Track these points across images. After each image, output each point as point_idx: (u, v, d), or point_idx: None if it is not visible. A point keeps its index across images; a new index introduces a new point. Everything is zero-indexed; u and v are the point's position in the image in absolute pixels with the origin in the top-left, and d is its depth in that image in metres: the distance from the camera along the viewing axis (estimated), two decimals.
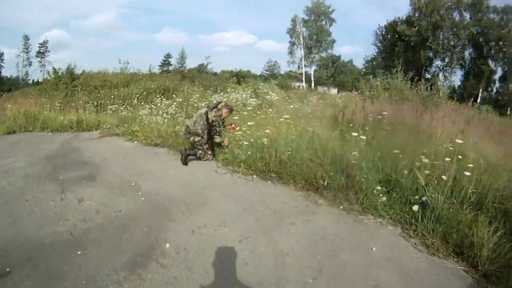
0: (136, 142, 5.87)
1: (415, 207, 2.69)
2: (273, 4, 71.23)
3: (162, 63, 38.57)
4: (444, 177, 2.88)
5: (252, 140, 4.10)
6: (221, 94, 10.26)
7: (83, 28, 59.69)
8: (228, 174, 3.98)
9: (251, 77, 30.92)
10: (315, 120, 5.38)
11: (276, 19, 76.35)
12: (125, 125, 6.86)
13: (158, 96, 8.89)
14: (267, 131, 3.99)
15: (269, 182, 3.73)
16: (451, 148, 3.75)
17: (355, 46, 63.10)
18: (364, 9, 64.67)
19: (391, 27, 30.35)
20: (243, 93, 10.05)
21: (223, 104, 4.66)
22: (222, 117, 4.49)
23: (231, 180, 3.78)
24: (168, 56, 39.58)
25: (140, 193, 3.35)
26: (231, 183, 3.69)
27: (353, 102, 7.65)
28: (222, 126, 4.43)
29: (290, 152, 3.71)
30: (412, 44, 26.81)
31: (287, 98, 12.28)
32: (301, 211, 3.03)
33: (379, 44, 34.01)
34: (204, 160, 4.45)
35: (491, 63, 25.30)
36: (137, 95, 9.20)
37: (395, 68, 7.21)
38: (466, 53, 25.94)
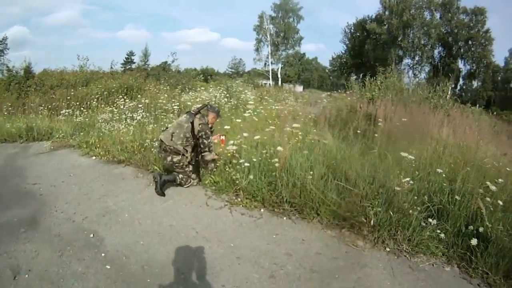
0: (94, 157, 4.67)
1: (474, 241, 2.28)
2: (237, 1, 71.41)
3: (124, 61, 37.13)
4: (500, 202, 2.48)
5: (255, 159, 3.14)
6: (190, 93, 9.54)
7: (45, 25, 55.27)
8: (225, 208, 3.01)
9: (218, 75, 30.17)
10: (315, 127, 4.64)
11: (240, 17, 75.68)
12: (81, 134, 5.63)
13: (120, 96, 7.96)
14: (279, 148, 3.04)
15: (284, 218, 2.85)
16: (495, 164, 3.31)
17: (318, 44, 66.44)
18: (327, 7, 66.47)
19: (360, 25, 31.22)
20: (215, 92, 9.26)
21: (208, 106, 3.58)
22: (210, 125, 3.49)
23: (233, 219, 2.83)
24: (131, 54, 38.01)
25: (103, 254, 2.30)
26: (235, 225, 2.74)
27: (346, 103, 7.09)
28: (211, 138, 3.41)
29: (311, 176, 2.85)
30: (382, 42, 27.72)
31: (262, 97, 11.66)
32: (345, 265, 2.27)
33: (347, 42, 34.95)
34: (187, 187, 3.41)
35: (460, 62, 27.01)
36: (97, 96, 8.27)
37: (389, 66, 6.73)
38: (436, 51, 27.54)
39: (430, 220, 2.50)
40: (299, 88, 31.53)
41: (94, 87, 9.15)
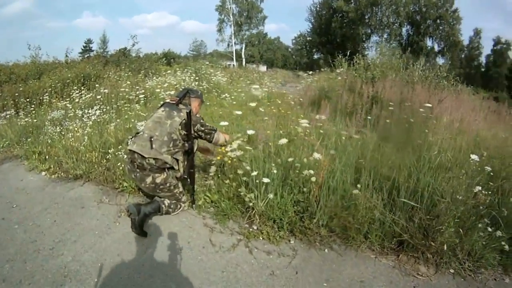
0: (44, 173, 3.57)
1: None
2: None
3: (82, 49, 36.80)
4: None
5: (275, 170, 2.32)
6: (154, 78, 8.81)
7: None
8: (240, 246, 2.17)
9: (180, 58, 29.12)
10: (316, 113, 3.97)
11: None
12: (29, 140, 4.43)
13: (76, 87, 7.04)
14: (316, 155, 2.22)
15: (326, 250, 2.16)
16: None
17: (280, 24, 68.72)
18: None
19: (327, 3, 31.23)
20: (184, 76, 8.63)
21: (189, 92, 2.64)
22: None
23: (258, 265, 2.00)
24: (89, 41, 38.01)
25: None
26: (264, 276, 1.90)
27: (336, 83, 6.53)
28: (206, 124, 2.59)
29: (359, 190, 2.15)
30: (350, 20, 27.99)
31: (232, 78, 11.03)
32: None
33: (313, 20, 35.17)
34: (176, 213, 2.53)
35: (428, 40, 28.30)
36: (50, 89, 7.19)
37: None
38: (404, 29, 28.52)
39: (498, 232, 2.04)
40: (263, 68, 31.72)
41: (47, 79, 8.10)
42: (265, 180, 2.22)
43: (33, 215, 2.69)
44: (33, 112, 5.81)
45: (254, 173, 2.28)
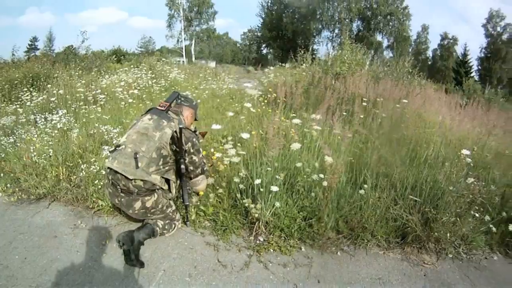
0: (0, 195, 3.05)
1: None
2: None
3: (28, 48, 35.35)
4: None
5: (279, 176, 2.36)
6: (107, 76, 8.44)
7: None
8: (253, 262, 2.15)
9: (129, 55, 28.42)
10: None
11: None
12: None
13: (25, 89, 6.71)
14: (327, 159, 2.28)
15: (338, 253, 2.28)
16: None
17: (228, 19, 70.70)
18: None
19: None
20: (140, 73, 8.41)
21: (181, 98, 2.44)
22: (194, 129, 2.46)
23: (277, 281, 2.01)
24: (35, 39, 36.99)
25: None
26: None
27: (299, 78, 6.80)
28: (201, 150, 2.38)
29: (364, 190, 2.30)
30: (301, 15, 29.44)
31: (187, 75, 10.96)
32: None
33: (263, 15, 36.30)
34: (170, 234, 2.42)
35: (378, 35, 31.02)
36: None
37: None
38: (354, 25, 30.81)
39: (487, 217, 2.41)
40: (212, 64, 32.03)
41: None
42: (274, 188, 2.24)
43: None
44: None
45: (258, 181, 2.29)
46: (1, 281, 1.99)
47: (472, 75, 31.36)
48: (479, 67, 33.32)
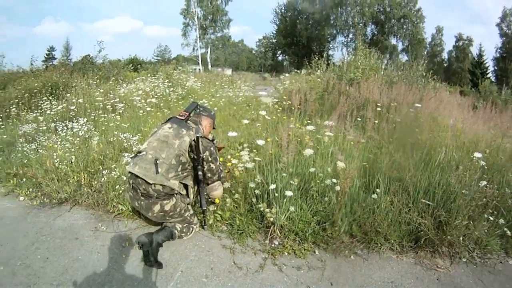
0: (22, 198, 3.25)
1: None
2: None
3: (46, 57, 36.31)
4: None
5: (293, 181, 2.45)
6: (124, 85, 8.74)
7: None
8: (268, 265, 2.23)
9: (145, 63, 29.27)
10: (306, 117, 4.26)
11: (163, 2, 78.17)
12: (0, 159, 4.04)
13: (45, 97, 6.89)
14: (339, 164, 2.37)
15: (352, 257, 2.33)
16: None
17: (242, 26, 71.56)
18: None
19: (292, 5, 32.83)
20: (157, 82, 8.66)
21: (199, 108, 2.59)
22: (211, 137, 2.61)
23: (291, 283, 2.08)
24: (52, 49, 38.46)
25: None
26: None
27: (314, 85, 6.88)
28: (218, 159, 2.50)
29: (377, 195, 2.35)
30: (315, 21, 29.60)
31: (204, 83, 11.24)
32: None
33: (278, 22, 36.65)
34: (188, 237, 2.51)
35: (393, 39, 30.76)
36: (17, 100, 6.98)
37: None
38: (368, 29, 30.77)
39: (501, 220, 2.42)
40: (228, 72, 32.59)
41: (13, 90, 7.94)
42: (288, 193, 2.32)
43: (19, 252, 2.41)
44: (2, 126, 5.48)
45: (273, 186, 2.38)
46: (23, 279, 2.12)
47: (488, 76, 30.43)
48: (495, 68, 32.31)
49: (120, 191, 2.95)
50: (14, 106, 6.39)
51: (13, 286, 2.05)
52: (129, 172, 2.23)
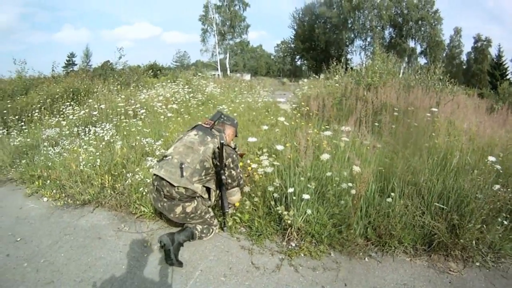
0: (46, 199, 3.46)
1: None
2: None
3: (66, 63, 38.80)
4: None
5: (310, 185, 2.56)
6: (144, 91, 9.04)
7: None
8: (284, 266, 2.33)
9: (165, 69, 29.79)
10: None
11: (181, 8, 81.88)
12: (24, 162, 4.31)
13: (67, 103, 7.17)
14: (355, 168, 2.48)
15: (366, 259, 2.40)
16: None
17: (260, 31, 71.88)
18: None
19: (310, 9, 33.04)
20: (177, 87, 8.88)
21: (223, 117, 2.74)
22: (233, 145, 2.76)
23: (306, 283, 2.18)
24: (72, 55, 40.49)
25: None
26: None
27: (333, 90, 6.92)
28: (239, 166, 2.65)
29: (392, 199, 2.42)
30: (333, 25, 29.61)
31: (223, 89, 11.37)
32: None
33: (296, 27, 37.11)
34: (208, 238, 2.64)
35: (411, 42, 30.22)
36: (39, 105, 7.25)
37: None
38: (386, 32, 30.52)
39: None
40: (247, 77, 33.06)
41: (35, 95, 8.16)
42: (305, 196, 2.44)
43: (43, 250, 2.54)
44: (25, 130, 5.76)
45: (291, 189, 2.50)
46: (47, 275, 2.23)
47: (507, 77, 29.09)
48: None
49: (143, 194, 3.10)
50: (36, 111, 6.68)
51: (36, 282, 2.17)
52: (154, 175, 2.39)
